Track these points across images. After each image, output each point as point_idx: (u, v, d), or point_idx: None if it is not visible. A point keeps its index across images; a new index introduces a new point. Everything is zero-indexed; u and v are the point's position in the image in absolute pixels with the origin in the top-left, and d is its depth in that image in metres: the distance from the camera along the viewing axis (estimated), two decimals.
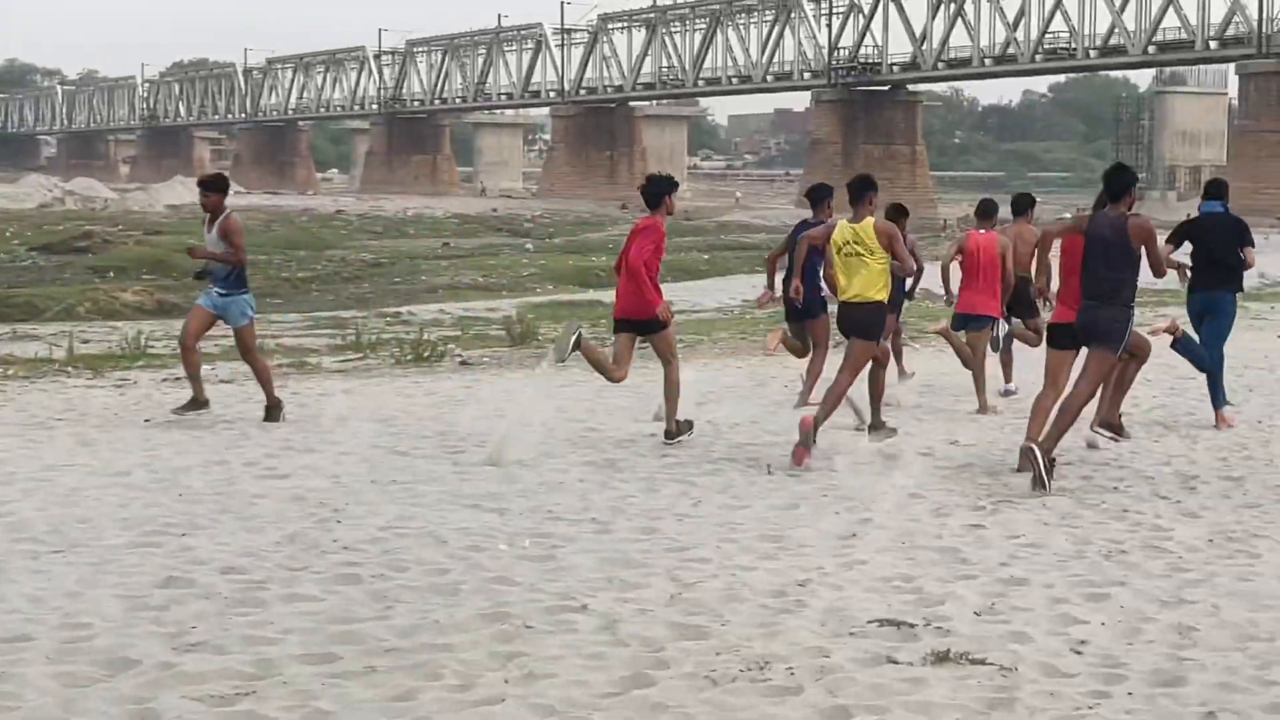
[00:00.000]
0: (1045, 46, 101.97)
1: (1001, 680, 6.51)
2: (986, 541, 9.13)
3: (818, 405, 12.58)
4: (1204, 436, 13.15)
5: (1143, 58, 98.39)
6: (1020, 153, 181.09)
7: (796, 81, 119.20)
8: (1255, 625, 7.37)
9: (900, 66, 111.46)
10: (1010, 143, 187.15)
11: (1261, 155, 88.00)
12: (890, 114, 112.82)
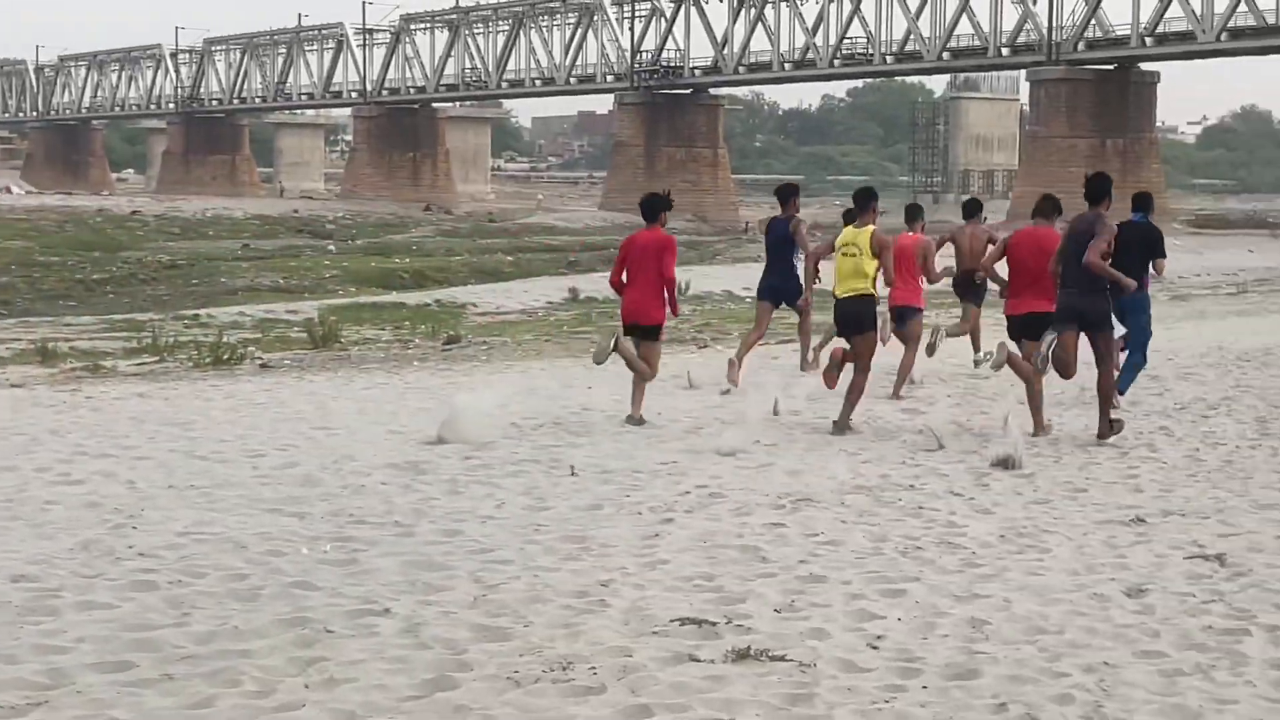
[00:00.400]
0: (843, 52, 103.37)
1: (801, 676, 6.60)
2: (786, 540, 9.24)
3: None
4: (995, 436, 13.42)
5: (938, 64, 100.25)
6: (820, 156, 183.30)
7: (600, 84, 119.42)
8: (1045, 618, 7.55)
9: (702, 70, 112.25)
10: (810, 146, 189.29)
11: (1051, 160, 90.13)
12: (692, 117, 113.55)
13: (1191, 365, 18.34)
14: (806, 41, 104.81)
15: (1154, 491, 10.86)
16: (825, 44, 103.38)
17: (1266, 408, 14.93)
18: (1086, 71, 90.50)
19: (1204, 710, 6.26)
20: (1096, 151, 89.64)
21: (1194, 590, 8.09)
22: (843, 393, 13.95)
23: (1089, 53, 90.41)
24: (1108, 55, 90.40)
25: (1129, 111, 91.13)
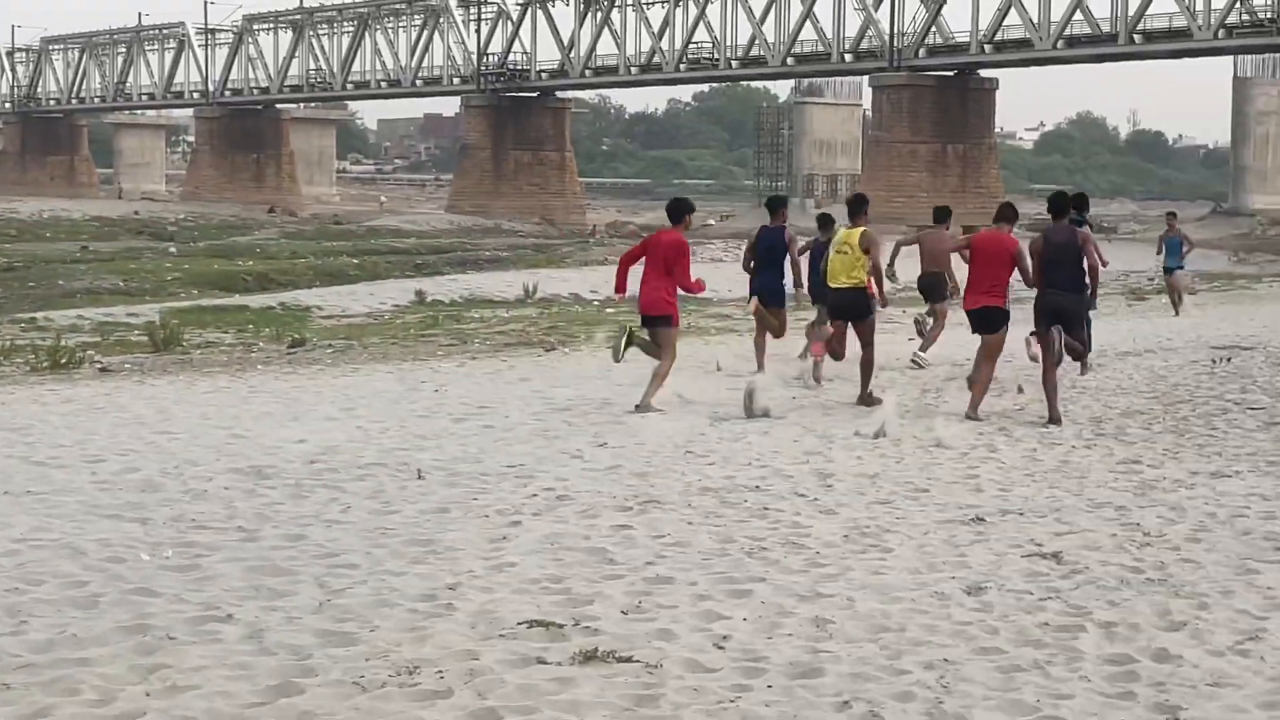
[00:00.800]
0: (689, 56, 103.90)
1: (648, 677, 6.64)
2: (634, 541, 9.28)
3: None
4: (839, 437, 13.59)
5: (782, 69, 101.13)
6: (666, 160, 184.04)
7: (446, 86, 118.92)
8: (887, 616, 7.66)
9: (549, 73, 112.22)
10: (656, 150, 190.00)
11: (893, 165, 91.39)
12: (539, 120, 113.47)
13: (1030, 368, 18.65)
14: (653, 45, 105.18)
15: (993, 491, 11.05)
16: (671, 48, 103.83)
17: (1101, 409, 15.26)
18: (927, 78, 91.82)
19: (1041, 705, 6.38)
20: (938, 156, 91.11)
21: (1031, 588, 8.24)
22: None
23: (930, 59, 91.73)
24: (948, 62, 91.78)
25: (969, 117, 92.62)
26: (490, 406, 15.42)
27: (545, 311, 32.91)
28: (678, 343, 15.52)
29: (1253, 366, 18.62)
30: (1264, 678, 6.75)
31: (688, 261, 15.07)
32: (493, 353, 22.22)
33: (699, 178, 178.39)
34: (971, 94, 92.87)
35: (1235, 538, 9.48)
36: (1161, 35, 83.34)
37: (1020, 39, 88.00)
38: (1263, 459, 12.34)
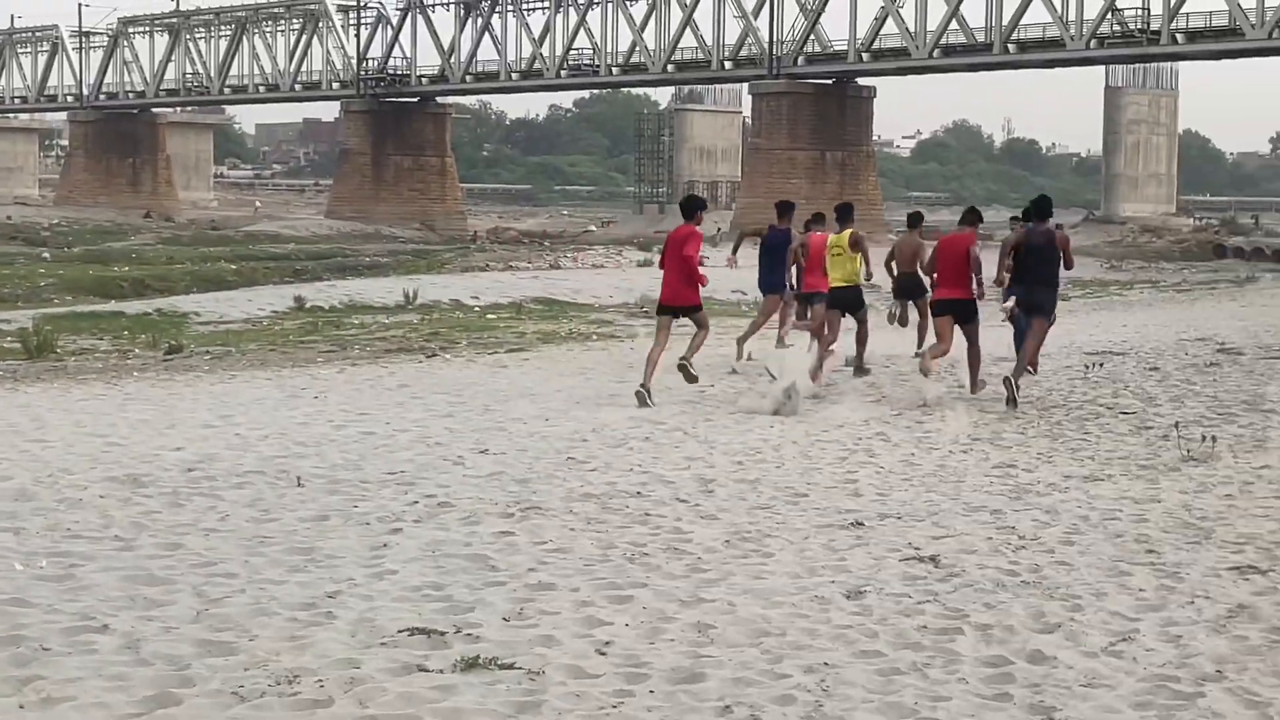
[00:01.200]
0: (570, 63, 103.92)
1: (530, 684, 6.64)
2: (515, 548, 9.27)
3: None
4: (720, 442, 13.66)
5: (662, 76, 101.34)
6: (547, 166, 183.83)
7: (325, 91, 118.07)
8: (768, 621, 7.71)
9: (429, 79, 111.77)
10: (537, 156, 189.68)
11: (773, 172, 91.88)
12: (420, 125, 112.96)
13: (908, 372, 18.85)
14: (533, 51, 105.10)
15: (872, 495, 11.16)
16: (552, 54, 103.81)
17: (978, 413, 15.44)
18: (806, 85, 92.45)
19: (919, 707, 6.46)
20: (816, 164, 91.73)
21: (910, 591, 8.34)
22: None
23: (808, 67, 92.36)
24: (826, 70, 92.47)
25: (847, 125, 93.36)
26: (371, 413, 15.34)
27: (426, 318, 32.75)
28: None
29: (1125, 372, 18.93)
30: (1136, 678, 6.87)
31: (698, 243, 16.44)
32: (373, 359, 22.10)
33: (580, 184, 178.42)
34: (850, 102, 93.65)
35: (1108, 540, 9.63)
36: (1035, 45, 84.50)
37: (897, 48, 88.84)
38: (1134, 462, 12.55)
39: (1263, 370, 18.84)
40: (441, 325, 29.87)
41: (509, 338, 26.03)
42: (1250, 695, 6.64)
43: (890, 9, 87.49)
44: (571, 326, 29.09)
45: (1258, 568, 8.86)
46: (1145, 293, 45.79)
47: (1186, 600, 8.17)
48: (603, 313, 34.45)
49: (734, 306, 34.50)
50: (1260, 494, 11.16)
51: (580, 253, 66.09)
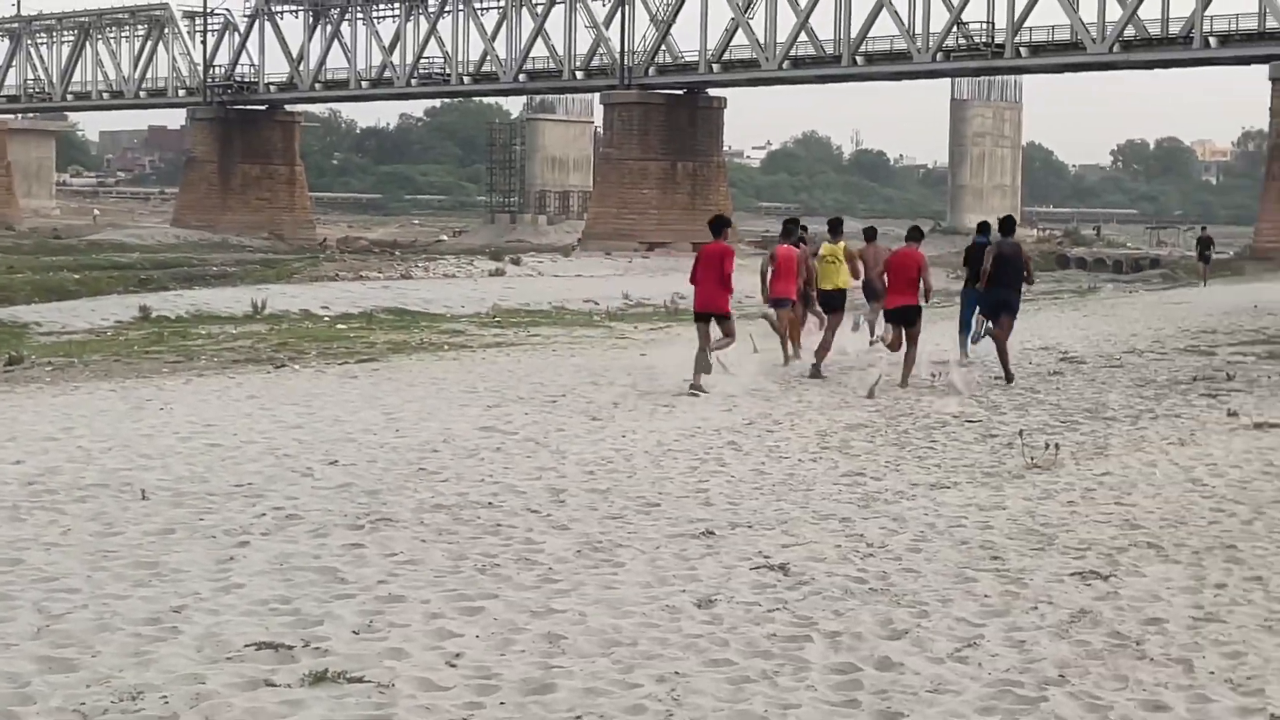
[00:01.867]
0: (421, 71, 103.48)
1: (379, 697, 6.58)
2: (365, 560, 9.20)
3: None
4: (572, 452, 13.65)
5: (514, 85, 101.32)
6: (398, 175, 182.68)
7: (172, 98, 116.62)
8: (619, 631, 7.72)
9: (278, 86, 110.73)
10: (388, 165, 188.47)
11: (624, 182, 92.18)
12: (268, 133, 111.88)
13: (758, 383, 18.97)
14: (383, 59, 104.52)
15: (723, 505, 11.21)
16: (402, 62, 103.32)
17: (826, 422, 15.58)
18: (657, 96, 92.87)
19: (769, 715, 6.50)
20: (668, 174, 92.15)
21: (760, 599, 8.38)
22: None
23: (660, 78, 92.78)
24: (677, 81, 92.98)
25: (698, 135, 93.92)
26: (218, 424, 15.14)
27: (275, 327, 32.40)
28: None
29: (970, 380, 19.19)
30: (981, 683, 6.96)
31: (731, 263, 18.47)
32: (220, 370, 21.82)
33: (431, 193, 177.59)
34: (700, 113, 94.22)
35: (953, 547, 9.76)
36: (883, 58, 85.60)
37: (747, 59, 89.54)
38: (980, 470, 12.73)
39: (1104, 379, 19.21)
40: (290, 335, 29.56)
41: (359, 348, 25.81)
42: (1092, 699, 6.76)
43: (740, 21, 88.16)
44: (423, 336, 28.92)
45: (1099, 573, 9.03)
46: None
47: (1030, 606, 8.30)
48: (455, 322, 34.30)
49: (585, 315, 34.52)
50: (1101, 500, 11.37)
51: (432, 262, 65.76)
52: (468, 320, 35.70)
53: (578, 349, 25.48)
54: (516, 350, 25.17)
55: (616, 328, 32.56)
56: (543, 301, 45.75)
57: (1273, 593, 8.56)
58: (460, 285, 51.06)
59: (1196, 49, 74.58)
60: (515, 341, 27.56)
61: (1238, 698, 6.77)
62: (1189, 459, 13.13)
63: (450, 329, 31.52)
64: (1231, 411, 15.89)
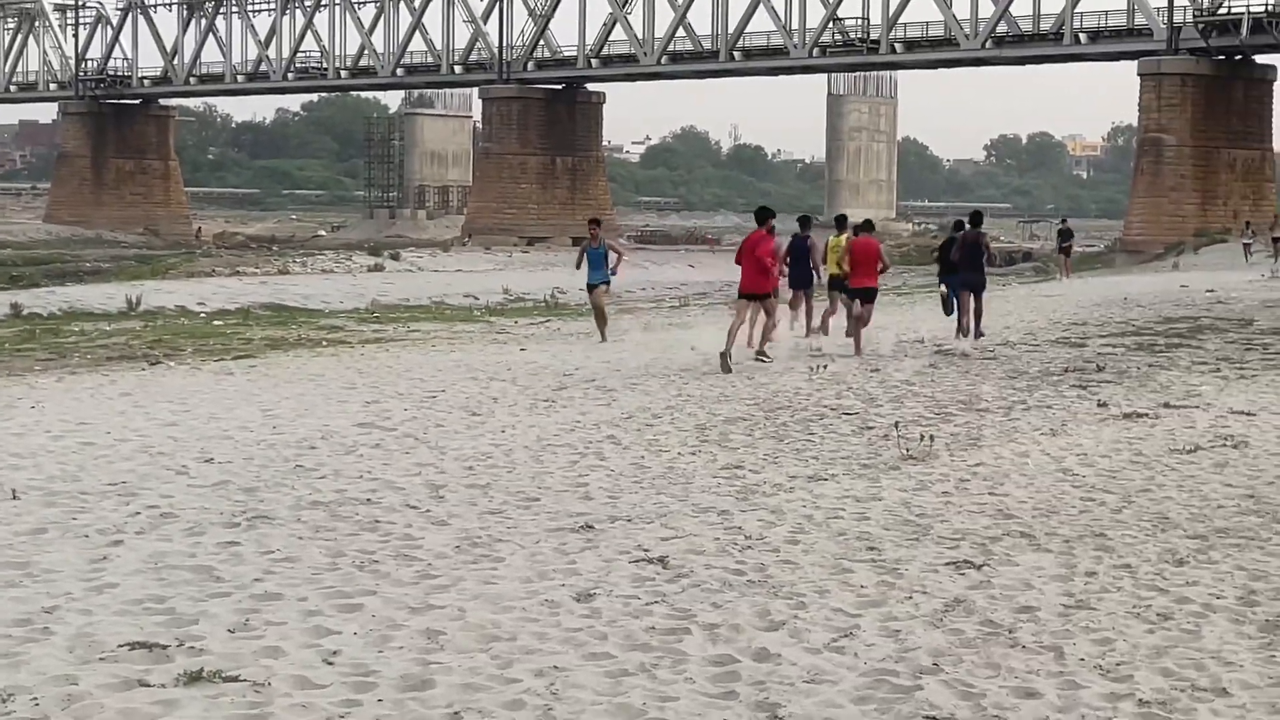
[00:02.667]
0: (297, 65, 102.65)
1: (255, 696, 6.53)
2: (241, 558, 9.12)
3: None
4: (451, 447, 13.62)
5: (392, 79, 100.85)
6: (275, 170, 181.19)
7: (42, 92, 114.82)
8: (498, 626, 7.71)
9: (152, 80, 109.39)
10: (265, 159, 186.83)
11: (503, 176, 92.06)
12: (142, 128, 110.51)
13: (638, 376, 19.04)
14: (259, 53, 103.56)
15: (602, 498, 11.23)
16: (279, 56, 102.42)
17: (706, 416, 15.65)
18: (536, 91, 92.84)
19: (647, 707, 6.52)
20: (547, 169, 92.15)
21: (639, 593, 8.41)
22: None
23: (539, 72, 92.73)
24: (556, 75, 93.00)
25: (577, 130, 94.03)
26: (91, 423, 14.94)
27: (150, 324, 32.01)
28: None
29: (847, 373, 19.36)
30: (857, 673, 7.03)
31: (769, 246, 20.63)
32: (94, 367, 21.53)
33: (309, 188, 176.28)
34: (579, 107, 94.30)
35: (831, 539, 9.85)
36: (760, 53, 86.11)
37: (626, 54, 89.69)
38: (856, 462, 12.84)
39: (978, 371, 19.44)
40: (166, 332, 29.21)
41: (236, 345, 25.57)
42: (966, 687, 6.85)
43: (619, 16, 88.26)
44: (301, 333, 28.70)
45: (973, 562, 9.15)
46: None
47: (905, 596, 8.39)
48: (333, 318, 34.08)
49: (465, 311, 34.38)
50: (975, 490, 11.51)
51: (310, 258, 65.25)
52: (346, 316, 35.48)
53: (457, 344, 25.41)
54: (396, 346, 25.04)
55: (496, 323, 32.50)
56: (422, 297, 45.58)
57: (1141, 580, 8.72)
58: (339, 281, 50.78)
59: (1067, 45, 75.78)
60: (394, 337, 27.42)
61: (1107, 684, 6.89)
62: (1060, 449, 13.33)
63: (328, 325, 31.31)
64: (1101, 402, 16.15)
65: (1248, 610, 8.06)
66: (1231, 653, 7.32)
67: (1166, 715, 6.45)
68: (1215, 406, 15.79)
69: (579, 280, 26.67)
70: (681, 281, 58.62)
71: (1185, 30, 71.01)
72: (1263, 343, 22.42)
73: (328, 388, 18.20)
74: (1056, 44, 76.25)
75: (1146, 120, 72.80)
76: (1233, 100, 72.33)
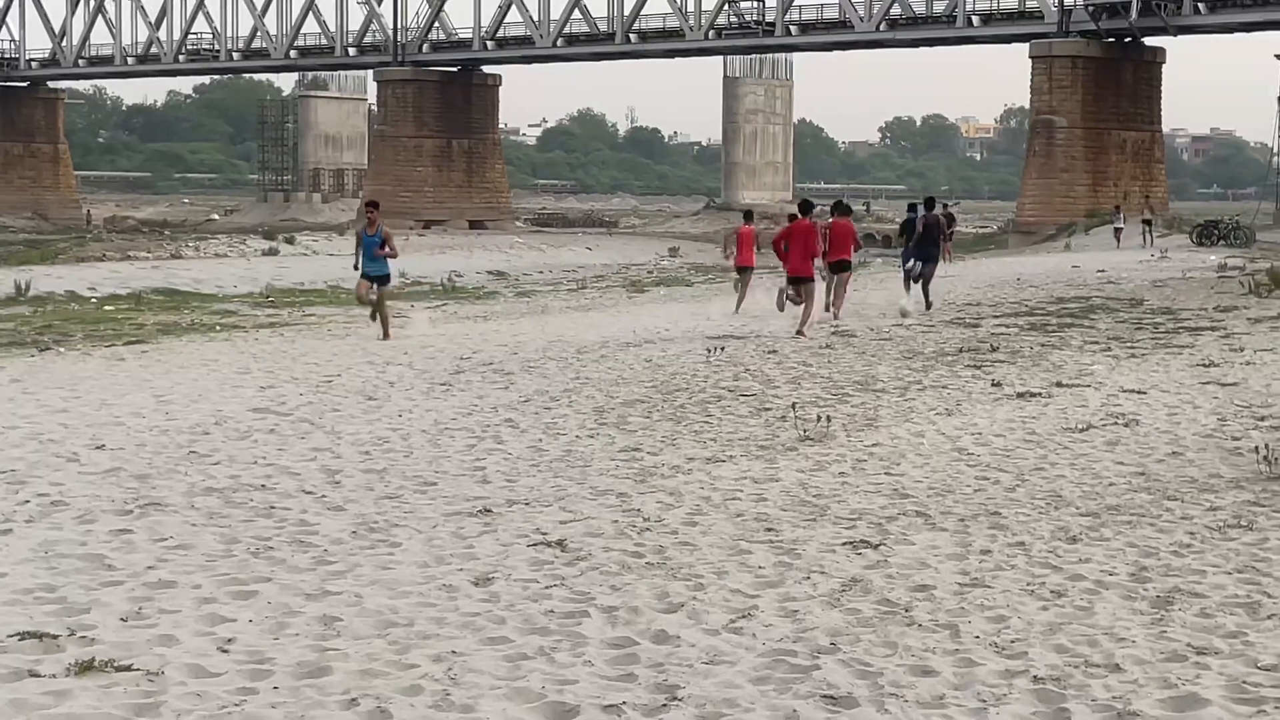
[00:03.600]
0: (189, 47, 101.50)
1: (148, 685, 6.45)
2: (134, 546, 9.01)
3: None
4: (347, 432, 13.53)
5: (285, 61, 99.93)
6: (167, 153, 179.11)
7: None
8: (395, 612, 7.66)
9: (39, 62, 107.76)
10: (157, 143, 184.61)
11: (399, 159, 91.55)
12: (30, 111, 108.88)
13: (536, 359, 19.00)
14: (150, 35, 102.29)
15: (500, 482, 11.19)
16: (170, 38, 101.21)
17: (604, 398, 15.64)
18: (432, 73, 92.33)
19: (546, 691, 6.50)
20: (443, 151, 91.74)
21: (537, 576, 8.39)
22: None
23: (434, 55, 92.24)
24: (452, 58, 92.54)
25: (473, 113, 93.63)
26: None
27: (39, 310, 31.56)
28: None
29: (745, 355, 19.41)
30: (755, 653, 7.05)
31: (815, 237, 23.03)
32: None
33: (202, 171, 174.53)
34: (475, 90, 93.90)
35: (729, 520, 9.87)
36: (656, 35, 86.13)
37: (522, 36, 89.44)
38: (754, 443, 12.88)
39: (874, 351, 19.56)
40: (56, 317, 28.84)
41: (128, 330, 25.27)
42: (863, 666, 6.89)
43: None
44: (194, 317, 28.42)
45: (869, 542, 9.20)
46: (765, 278, 47.02)
47: (803, 576, 8.43)
48: (227, 303, 33.75)
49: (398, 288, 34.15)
50: (871, 470, 11.58)
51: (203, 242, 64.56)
52: (240, 300, 35.16)
53: (354, 328, 25.25)
54: (291, 331, 24.86)
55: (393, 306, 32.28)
56: (318, 281, 45.25)
57: (1035, 558, 8.81)
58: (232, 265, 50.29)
59: (960, 28, 76.36)
60: (289, 321, 27.23)
61: (1002, 660, 6.95)
62: (955, 429, 13.44)
63: (222, 310, 31.02)
64: (996, 382, 16.30)
65: (1139, 586, 8.16)
66: (1124, 628, 7.41)
67: (1060, 691, 6.51)
68: (1107, 385, 15.98)
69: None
70: (579, 265, 58.51)
71: (1076, 13, 71.77)
72: (1153, 322, 22.72)
73: (222, 373, 18.03)
74: (950, 26, 76.82)
75: (1038, 102, 73.52)
76: (1122, 82, 73.19)
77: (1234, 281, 29.89)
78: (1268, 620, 7.49)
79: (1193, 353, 18.59)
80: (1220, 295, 27.01)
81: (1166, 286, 30.59)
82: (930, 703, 6.40)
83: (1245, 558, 8.71)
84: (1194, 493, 10.54)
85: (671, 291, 38.18)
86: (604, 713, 6.24)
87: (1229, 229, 54.72)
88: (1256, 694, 6.43)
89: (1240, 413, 13.94)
